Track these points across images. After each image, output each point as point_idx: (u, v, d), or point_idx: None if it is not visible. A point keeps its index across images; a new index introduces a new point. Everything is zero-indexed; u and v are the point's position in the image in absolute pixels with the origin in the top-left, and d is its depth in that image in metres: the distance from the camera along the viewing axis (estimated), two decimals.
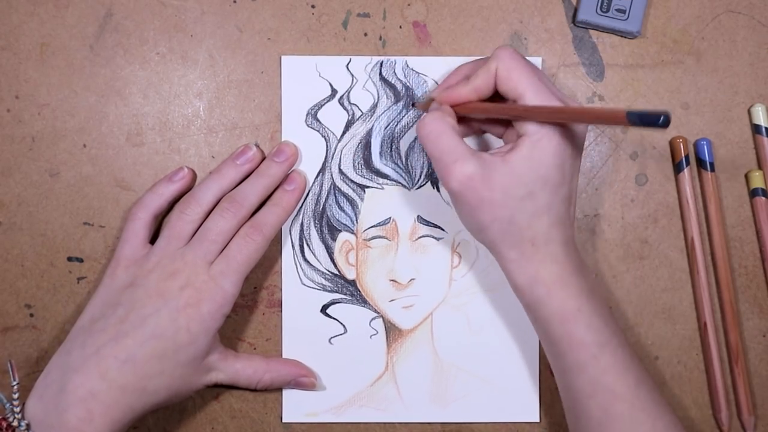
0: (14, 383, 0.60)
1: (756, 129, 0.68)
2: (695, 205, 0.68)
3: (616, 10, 0.67)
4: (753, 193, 0.69)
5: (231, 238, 0.64)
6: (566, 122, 0.58)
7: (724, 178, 0.69)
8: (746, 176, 0.69)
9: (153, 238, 0.66)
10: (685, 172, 0.68)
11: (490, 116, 0.62)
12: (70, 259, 0.68)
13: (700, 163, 0.68)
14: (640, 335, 0.69)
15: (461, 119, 0.63)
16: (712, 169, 0.68)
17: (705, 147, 0.68)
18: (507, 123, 0.63)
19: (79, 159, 0.68)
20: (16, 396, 0.60)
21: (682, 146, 0.68)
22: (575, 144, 0.60)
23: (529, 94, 0.59)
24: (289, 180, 0.67)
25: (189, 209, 0.65)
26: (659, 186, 0.69)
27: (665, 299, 0.69)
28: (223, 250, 0.64)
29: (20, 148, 0.68)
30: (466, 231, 0.68)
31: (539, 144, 0.58)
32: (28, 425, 0.59)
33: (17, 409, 0.59)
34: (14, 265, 0.69)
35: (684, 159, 0.68)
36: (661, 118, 0.50)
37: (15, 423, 0.59)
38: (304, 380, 0.68)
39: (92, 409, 0.59)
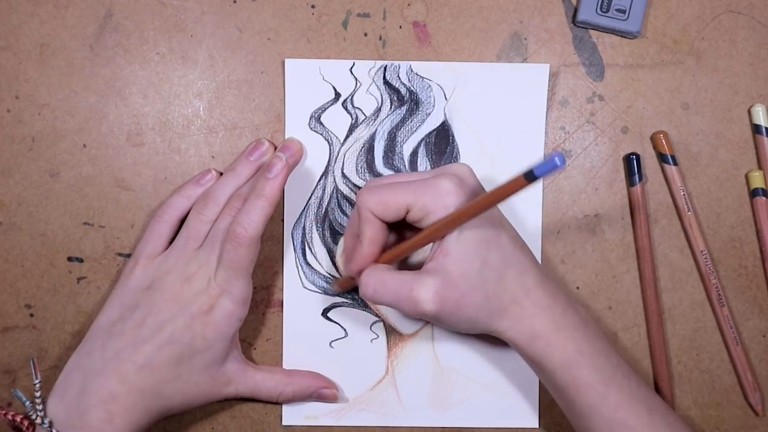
0: (36, 381, 0.61)
1: (756, 129, 0.68)
2: (689, 204, 0.69)
3: (616, 10, 0.67)
4: (753, 193, 0.69)
5: None
6: (474, 215, 0.57)
7: (724, 178, 0.69)
8: (746, 176, 0.69)
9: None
10: (673, 169, 0.68)
11: (411, 252, 0.61)
12: (70, 259, 0.68)
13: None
14: (640, 336, 0.69)
15: (391, 229, 0.63)
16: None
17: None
18: None
19: (79, 159, 0.68)
20: (38, 394, 0.60)
21: (664, 142, 0.68)
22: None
23: (432, 217, 0.59)
24: (269, 167, 0.64)
25: (206, 209, 0.65)
26: (659, 186, 0.69)
27: (665, 299, 0.69)
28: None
29: (20, 148, 0.68)
30: None
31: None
32: (51, 423, 0.59)
33: (39, 407, 0.60)
34: (14, 265, 0.68)
35: (669, 157, 0.68)
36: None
37: (38, 421, 0.59)
38: (326, 392, 0.68)
39: (112, 411, 0.60)
